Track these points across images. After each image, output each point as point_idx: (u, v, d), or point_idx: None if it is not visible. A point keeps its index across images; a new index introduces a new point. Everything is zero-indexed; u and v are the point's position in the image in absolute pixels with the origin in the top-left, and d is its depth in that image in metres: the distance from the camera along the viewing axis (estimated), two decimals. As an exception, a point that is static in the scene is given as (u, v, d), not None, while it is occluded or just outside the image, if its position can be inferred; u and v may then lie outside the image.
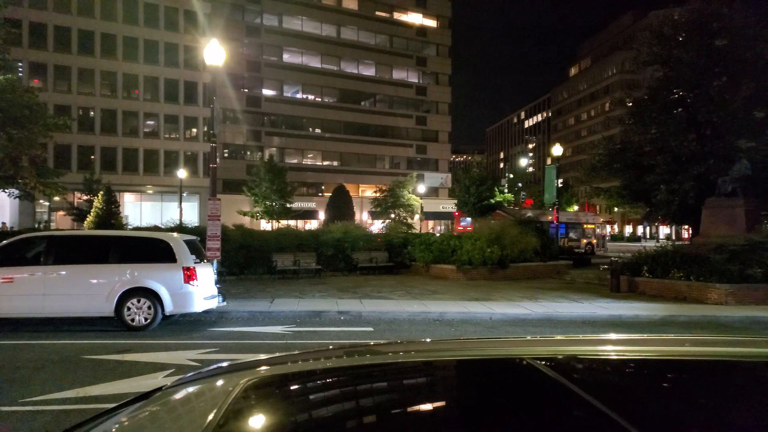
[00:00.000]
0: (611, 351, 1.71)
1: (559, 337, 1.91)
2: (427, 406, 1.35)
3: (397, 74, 69.08)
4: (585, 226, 42.48)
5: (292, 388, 1.56)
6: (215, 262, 14.31)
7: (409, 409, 1.34)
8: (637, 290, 17.55)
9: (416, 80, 70.34)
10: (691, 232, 27.34)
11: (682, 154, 25.86)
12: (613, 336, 1.90)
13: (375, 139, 66.71)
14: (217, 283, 13.23)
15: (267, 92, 62.68)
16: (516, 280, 21.03)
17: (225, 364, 1.78)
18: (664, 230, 72.13)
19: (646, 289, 17.30)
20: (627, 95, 32.54)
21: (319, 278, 20.94)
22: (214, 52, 14.87)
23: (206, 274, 12.35)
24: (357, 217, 51.76)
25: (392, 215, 51.78)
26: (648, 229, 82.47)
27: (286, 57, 63.67)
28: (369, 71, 67.51)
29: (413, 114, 69.59)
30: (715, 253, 15.81)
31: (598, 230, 44.70)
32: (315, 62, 64.75)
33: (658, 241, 49.39)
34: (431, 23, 71.28)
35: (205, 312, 12.46)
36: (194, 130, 56.32)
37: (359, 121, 66.12)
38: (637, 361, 1.63)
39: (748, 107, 25.85)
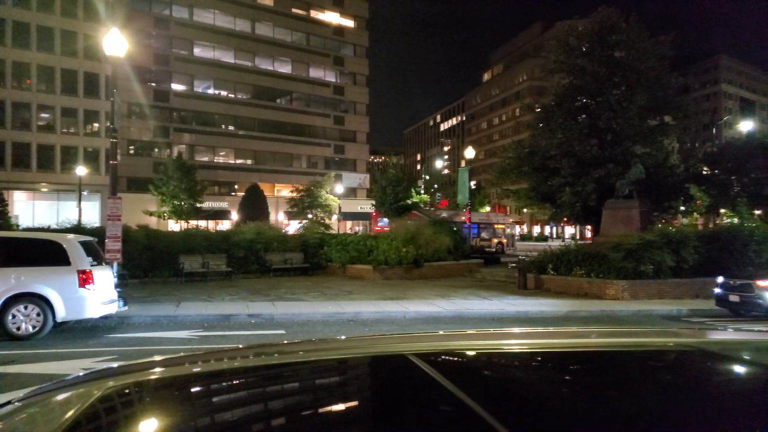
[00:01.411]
0: (489, 345, 1.76)
1: (442, 333, 1.94)
2: (300, 406, 1.31)
3: (314, 73, 68.36)
4: (496, 226, 44.00)
5: (152, 395, 1.46)
6: (116, 264, 13.51)
7: (279, 409, 1.31)
8: (543, 287, 18.30)
9: (334, 80, 69.95)
10: (592, 231, 28.97)
11: (585, 158, 27.37)
12: (491, 330, 2.05)
13: (291, 137, 65.58)
14: (117, 286, 12.56)
15: (176, 87, 59.89)
16: (430, 278, 21.35)
17: (83, 372, 1.61)
18: (569, 230, 76.23)
19: (552, 286, 18.07)
20: (536, 101, 33.97)
21: (229, 281, 20.20)
22: (115, 42, 13.94)
23: (105, 278, 11.58)
24: (272, 217, 50.68)
25: (309, 215, 51.20)
26: (554, 229, 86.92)
27: (197, 51, 61.19)
28: (285, 68, 66.29)
29: (331, 113, 69.18)
30: (613, 251, 16.77)
31: (508, 230, 46.47)
32: (228, 57, 62.69)
33: (563, 241, 52.10)
34: (349, 23, 71.23)
35: (104, 318, 11.65)
36: (96, 124, 52.78)
37: (275, 119, 64.73)
38: (511, 354, 1.67)
39: (642, 115, 27.81)
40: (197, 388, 1.53)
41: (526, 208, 38.55)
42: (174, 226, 45.34)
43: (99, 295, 10.99)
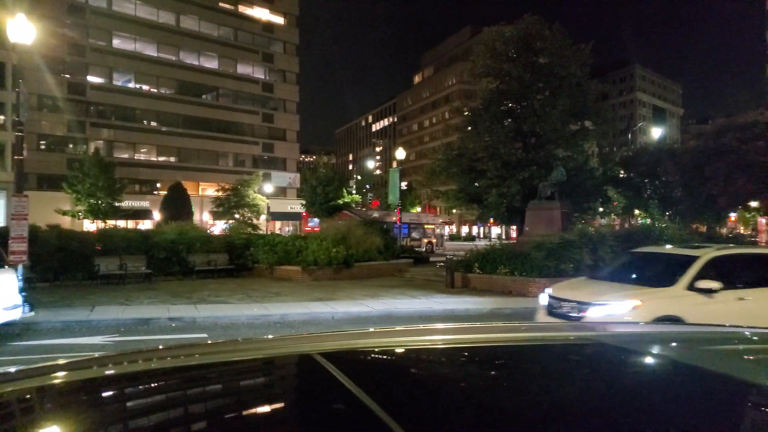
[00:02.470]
0: (397, 342, 1.76)
1: (352, 332, 1.95)
2: (197, 409, 1.27)
3: (242, 69, 66.67)
4: (426, 226, 44.61)
5: (54, 401, 1.37)
6: (21, 267, 12.53)
7: (174, 414, 1.26)
8: (469, 286, 18.65)
9: (263, 76, 68.52)
10: (517, 231, 29.91)
11: (510, 160, 28.20)
12: (400, 328, 2.02)
13: (218, 135, 63.58)
14: (23, 290, 11.66)
15: (93, 79, 56.64)
16: (361, 279, 21.26)
17: None
18: (495, 230, 78.47)
19: (478, 285, 18.45)
20: (464, 104, 34.64)
21: (149, 283, 19.26)
22: (21, 29, 12.95)
23: (7, 281, 10.71)
24: (197, 217, 49.01)
25: (236, 215, 49.86)
26: (482, 229, 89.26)
27: (117, 42, 58.15)
28: (211, 64, 64.22)
29: (260, 111, 67.71)
30: (536, 250, 17.34)
31: (437, 230, 47.24)
32: (151, 50, 59.97)
33: (490, 241, 53.56)
34: (278, 20, 70.06)
35: (7, 324, 10.75)
36: (1, 117, 49.06)
37: (200, 116, 62.53)
38: (418, 351, 1.68)
39: (564, 120, 28.99)
40: (98, 393, 1.45)
41: (455, 209, 39.32)
42: (90, 226, 42.84)
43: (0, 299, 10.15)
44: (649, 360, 1.59)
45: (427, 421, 1.05)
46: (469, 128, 31.33)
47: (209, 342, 1.95)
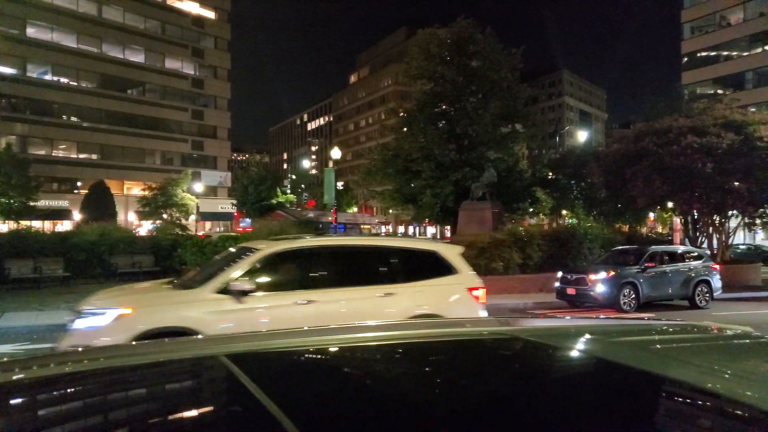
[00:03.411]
0: (308, 342, 1.73)
1: (265, 332, 1.92)
2: (94, 414, 1.22)
3: (171, 64, 64.07)
4: (362, 226, 44.61)
5: None
6: None
7: (70, 419, 1.19)
8: (404, 286, 18.65)
9: (192, 72, 66.19)
10: (451, 231, 30.38)
11: (444, 162, 28.64)
12: (314, 328, 1.99)
13: (144, 131, 60.70)
14: None
15: (4, 70, 52.78)
16: (294, 280, 20.87)
17: None
18: (430, 230, 79.63)
19: (413, 285, 18.48)
20: (399, 106, 34.87)
21: (67, 287, 18.09)
22: None
23: None
24: (121, 217, 46.75)
25: (164, 216, 47.91)
26: (418, 229, 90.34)
27: (31, 31, 54.35)
28: (137, 57, 61.24)
29: (189, 107, 65.31)
30: (467, 249, 17.58)
31: (373, 231, 47.34)
32: (70, 41, 56.47)
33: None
34: (209, 14, 67.89)
35: None
36: None
37: (125, 111, 59.47)
38: (329, 351, 1.66)
39: (496, 123, 29.73)
40: None
41: (391, 209, 39.51)
42: (1, 227, 39.91)
43: None
44: (561, 353, 1.62)
45: (325, 422, 1.04)
46: (405, 129, 31.58)
47: (111, 345, 1.83)
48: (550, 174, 35.32)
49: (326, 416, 1.07)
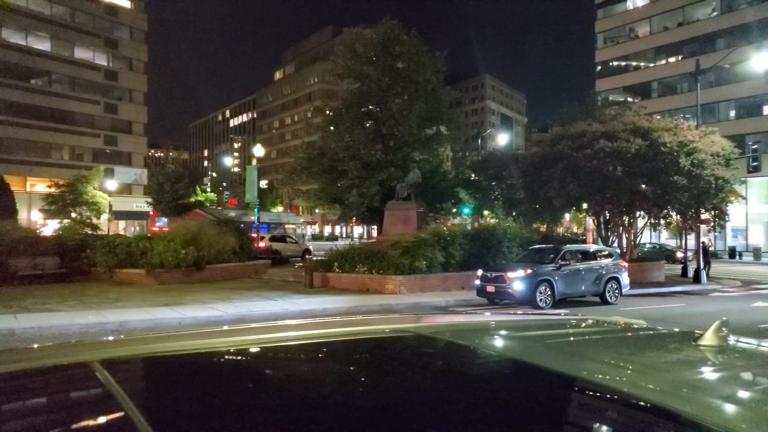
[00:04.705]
0: (198, 345, 1.62)
1: (153, 336, 1.77)
2: None
3: (81, 54, 60.20)
4: (287, 226, 43.81)
5: None
6: None
7: None
8: (329, 285, 18.52)
9: (105, 63, 62.55)
10: (377, 231, 30.44)
11: (370, 161, 28.65)
12: (209, 329, 1.90)
13: (50, 125, 56.60)
14: None
15: None
16: (213, 282, 20.22)
17: None
18: (358, 230, 79.68)
19: (337, 284, 18.39)
20: (326, 104, 34.58)
21: (-43, 292, 16.50)
22: None
23: None
24: (23, 215, 43.30)
25: (73, 214, 44.87)
26: (344, 228, 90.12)
27: None
28: (42, 45, 57.11)
29: (101, 100, 61.60)
30: (392, 249, 17.71)
31: (299, 230, 46.63)
32: (-37, 24, 51.99)
33: (352, 240, 54.12)
34: (124, 3, 64.42)
35: None
36: None
37: (29, 102, 55.19)
38: (217, 353, 1.57)
39: (421, 124, 30.08)
40: None
41: (317, 209, 39.07)
42: None
43: None
44: (457, 349, 1.64)
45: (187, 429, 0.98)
46: (331, 128, 31.36)
47: None
48: (473, 175, 36.15)
49: (194, 425, 0.99)
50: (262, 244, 29.87)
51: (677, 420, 1.03)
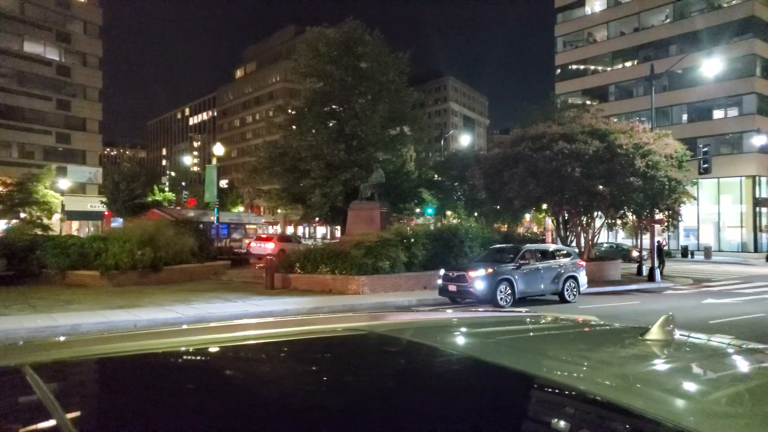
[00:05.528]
0: (138, 346, 1.55)
1: (91, 337, 1.69)
2: None
3: (31, 48, 57.93)
4: (248, 226, 43.15)
5: None
6: None
7: None
8: (290, 286, 18.29)
9: (57, 58, 60.31)
10: (341, 231, 30.28)
11: (333, 161, 28.48)
12: (146, 331, 1.86)
13: (-2, 121, 54.47)
14: None
15: None
16: (171, 283, 19.73)
17: None
18: (321, 230, 79.16)
19: (299, 285, 18.19)
20: (288, 103, 34.21)
21: None
22: None
23: None
24: (-33, 215, 41.49)
25: (22, 214, 43.08)
26: (307, 229, 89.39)
27: None
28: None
29: (53, 96, 59.41)
30: (355, 249, 17.63)
31: (259, 231, 45.97)
32: None
33: (315, 240, 53.75)
34: (78, -4, 62.49)
35: None
36: None
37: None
38: (160, 354, 1.50)
39: (384, 125, 30.08)
40: None
41: (279, 209, 38.60)
42: None
43: None
44: (408, 347, 1.63)
45: None
46: (293, 127, 31.05)
47: None
48: (436, 176, 36.38)
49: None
50: (261, 245, 29.33)
51: (622, 413, 1.05)
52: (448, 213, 42.14)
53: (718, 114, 50.73)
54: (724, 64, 35.40)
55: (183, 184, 75.54)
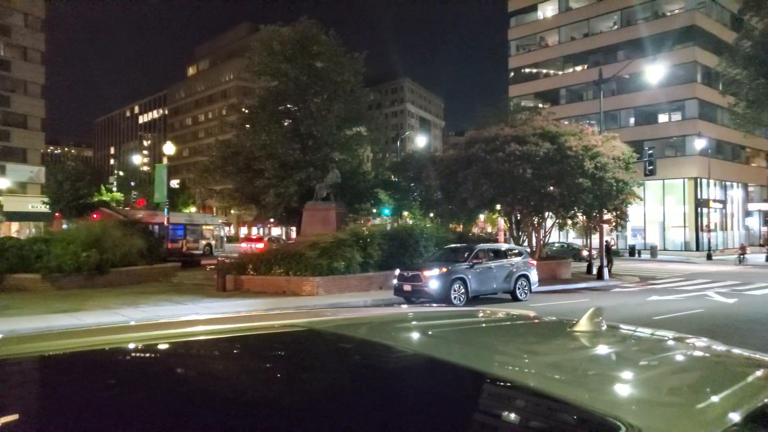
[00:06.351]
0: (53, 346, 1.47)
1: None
2: None
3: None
4: (205, 228, 42.27)
5: None
6: None
7: None
8: (243, 288, 17.97)
9: (-5, 51, 57.60)
10: (296, 232, 29.96)
11: (288, 161, 28.13)
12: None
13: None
14: None
15: None
16: (119, 286, 19.11)
17: None
18: (275, 231, 78.12)
19: (252, 286, 17.89)
20: (241, 102, 33.66)
21: None
22: None
23: None
24: None
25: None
26: (261, 230, 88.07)
27: None
28: None
29: (-8, 92, 56.77)
30: (310, 249, 17.44)
31: (216, 232, 45.09)
32: None
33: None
34: (19, -13, 59.69)
35: None
36: None
37: None
38: (77, 355, 1.42)
39: (340, 125, 29.92)
40: None
41: (232, 209, 37.91)
42: None
43: None
44: (344, 343, 1.63)
45: None
46: (247, 126, 30.54)
47: None
48: (392, 176, 36.49)
49: None
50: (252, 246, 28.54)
51: (547, 399, 1.10)
52: (405, 213, 42.37)
53: (662, 118, 52.77)
54: (667, 70, 36.84)
55: (132, 184, 73.19)
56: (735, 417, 1.04)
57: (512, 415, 1.13)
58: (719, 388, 1.27)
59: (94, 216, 31.05)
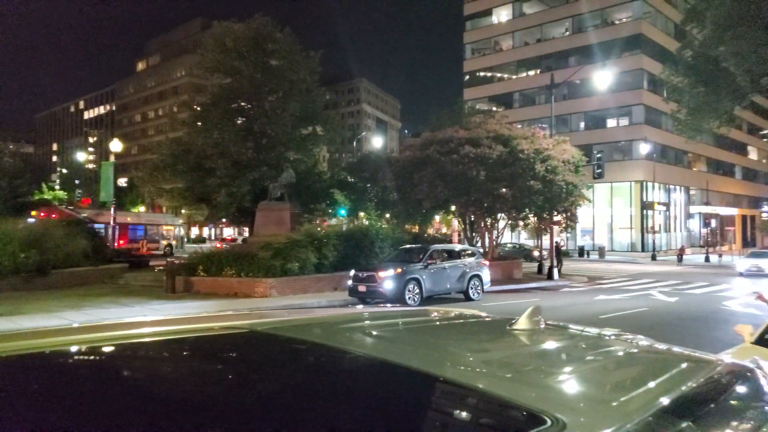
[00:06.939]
0: None
1: None
2: None
3: None
4: (165, 228, 41.13)
5: None
6: None
7: None
8: (192, 289, 17.53)
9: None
10: (249, 232, 29.44)
11: (241, 160, 27.59)
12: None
13: None
14: None
15: None
16: (61, 288, 18.30)
17: None
18: (228, 231, 76.69)
19: (201, 288, 17.47)
20: (193, 99, 32.84)
21: None
22: None
23: None
24: None
25: None
26: (213, 230, 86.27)
27: None
28: None
29: None
30: (263, 250, 17.16)
31: (173, 232, 43.91)
32: None
33: (224, 242, 51.99)
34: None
35: None
36: None
37: None
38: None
39: (295, 124, 29.57)
40: None
41: (183, 209, 36.94)
42: None
43: None
44: (295, 346, 1.60)
45: None
46: (199, 124, 29.77)
47: None
48: (349, 177, 36.38)
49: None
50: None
51: (478, 394, 1.13)
52: (361, 214, 42.33)
53: (611, 123, 54.59)
54: (616, 76, 38.16)
55: (77, 182, 70.35)
56: (654, 408, 1.09)
57: (443, 412, 1.15)
58: (643, 381, 1.33)
59: (42, 215, 29.71)
